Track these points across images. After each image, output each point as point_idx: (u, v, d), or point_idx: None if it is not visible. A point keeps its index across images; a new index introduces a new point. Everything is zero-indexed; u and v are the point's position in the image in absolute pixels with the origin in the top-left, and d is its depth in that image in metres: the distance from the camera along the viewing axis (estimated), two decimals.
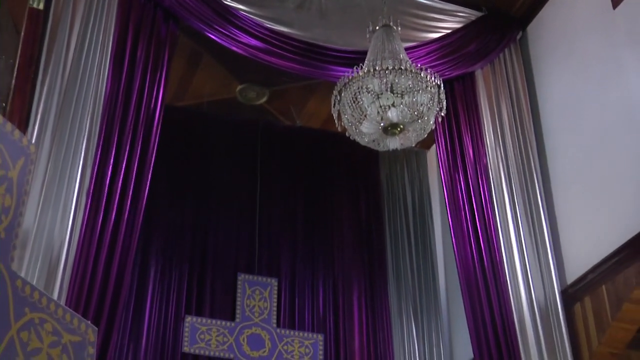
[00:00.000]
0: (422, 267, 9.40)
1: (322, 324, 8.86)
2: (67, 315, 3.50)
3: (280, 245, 9.18)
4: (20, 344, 3.18)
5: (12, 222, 3.24)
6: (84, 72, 6.88)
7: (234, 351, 8.31)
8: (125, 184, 6.87)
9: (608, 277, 6.88)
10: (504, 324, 7.33)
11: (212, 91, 9.53)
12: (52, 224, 6.25)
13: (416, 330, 9.04)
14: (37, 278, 5.95)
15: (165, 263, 8.62)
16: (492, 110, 8.24)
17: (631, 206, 6.71)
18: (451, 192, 8.11)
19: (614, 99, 7.16)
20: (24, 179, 3.36)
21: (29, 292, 3.28)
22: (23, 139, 3.39)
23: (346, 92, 6.53)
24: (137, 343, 8.09)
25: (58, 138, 6.56)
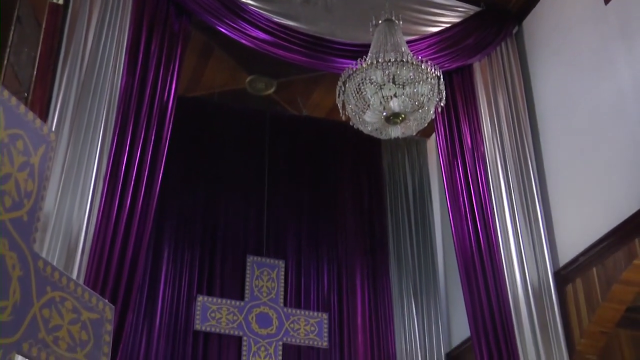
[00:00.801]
0: (421, 249, 9.41)
1: (327, 304, 8.87)
2: (86, 294, 3.51)
3: (287, 229, 9.19)
4: (43, 321, 3.19)
5: (33, 206, 3.25)
6: (101, 65, 6.90)
7: (243, 329, 8.33)
8: (140, 170, 6.89)
9: (598, 259, 6.88)
10: (499, 303, 7.34)
11: (222, 82, 9.53)
12: (71, 208, 6.28)
13: (416, 309, 9.04)
14: (57, 259, 5.98)
15: (178, 245, 8.63)
16: (489, 101, 8.24)
17: (621, 193, 6.71)
18: (450, 178, 8.11)
19: (605, 90, 7.15)
20: (44, 165, 3.37)
21: (50, 272, 3.29)
22: (44, 127, 3.40)
23: (350, 83, 6.54)
24: (151, 321, 8.10)
25: (76, 127, 6.58)
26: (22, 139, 3.23)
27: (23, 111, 3.26)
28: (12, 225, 3.09)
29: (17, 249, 3.09)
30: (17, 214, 3.13)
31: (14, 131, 3.18)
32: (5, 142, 3.12)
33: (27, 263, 3.14)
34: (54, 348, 3.24)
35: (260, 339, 8.33)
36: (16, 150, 3.18)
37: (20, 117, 3.23)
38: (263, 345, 8.31)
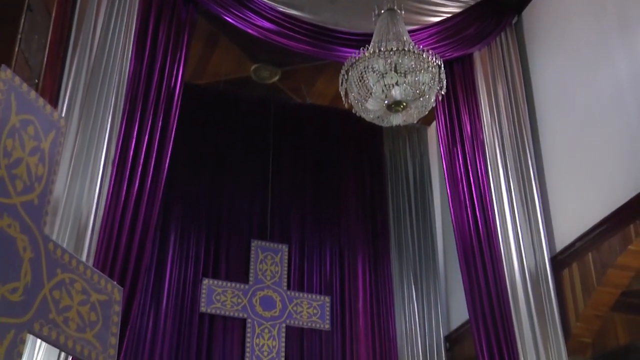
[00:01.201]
0: (422, 235, 9.42)
1: (329, 287, 8.89)
2: (95, 276, 3.53)
3: (291, 214, 9.20)
4: (53, 302, 3.21)
5: (44, 190, 3.26)
6: (110, 52, 6.90)
7: (248, 311, 8.35)
8: (147, 155, 6.90)
9: (594, 245, 6.89)
10: (497, 288, 7.36)
11: (228, 70, 9.53)
12: (80, 193, 6.30)
13: (416, 293, 9.05)
14: (67, 242, 6.00)
15: (184, 229, 8.66)
16: (488, 90, 8.23)
17: (616, 180, 6.71)
18: (450, 165, 8.12)
19: (603, 80, 7.14)
20: (55, 150, 3.38)
21: (60, 254, 3.31)
22: (54, 113, 3.41)
23: (353, 71, 6.54)
24: (158, 303, 8.13)
25: (86, 113, 6.59)
26: (33, 125, 3.24)
27: (34, 97, 3.27)
28: (23, 208, 3.10)
29: (28, 232, 3.11)
30: (28, 197, 3.15)
31: (25, 117, 3.18)
32: (17, 127, 3.13)
33: (38, 245, 3.16)
34: (64, 328, 3.25)
35: (264, 321, 8.36)
36: (27, 135, 3.19)
37: (31, 103, 3.24)
38: (267, 328, 8.34)
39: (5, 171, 3.03)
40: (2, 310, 2.90)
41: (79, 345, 3.33)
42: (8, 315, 2.92)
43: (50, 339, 3.19)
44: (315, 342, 8.56)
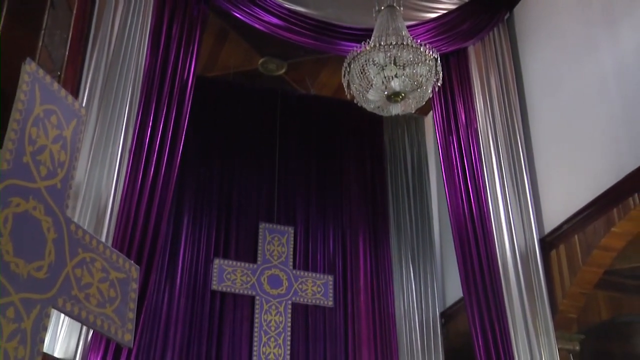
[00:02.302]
0: (419, 217, 9.42)
1: (332, 267, 8.90)
2: (114, 255, 3.54)
3: (296, 198, 9.20)
4: (75, 279, 3.23)
5: (66, 175, 3.28)
6: (127, 47, 6.92)
7: (256, 289, 8.37)
8: (162, 143, 6.92)
9: (580, 227, 6.91)
10: (489, 267, 7.37)
11: (237, 63, 9.51)
12: (99, 178, 6.33)
13: (413, 272, 9.06)
14: (88, 223, 6.04)
15: (197, 213, 8.67)
16: (482, 82, 8.22)
17: (601, 166, 6.72)
18: (446, 152, 8.12)
19: (589, 72, 7.13)
20: (76, 138, 3.39)
21: (82, 235, 3.32)
22: (75, 103, 3.42)
23: (355, 64, 6.54)
24: (172, 281, 8.15)
25: (104, 103, 6.61)
26: (56, 114, 3.25)
27: (56, 88, 3.28)
28: (47, 192, 3.12)
29: (52, 214, 3.12)
30: (51, 182, 3.16)
31: (48, 107, 3.20)
32: (41, 117, 3.14)
33: (61, 227, 3.17)
34: (86, 304, 3.28)
35: (271, 298, 8.38)
36: (50, 124, 3.21)
37: (54, 94, 3.25)
38: (274, 304, 8.35)
39: (30, 157, 3.05)
40: (29, 286, 2.92)
41: (99, 319, 3.35)
42: (34, 291, 2.95)
43: (73, 314, 3.21)
44: (319, 318, 8.58)
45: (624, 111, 6.59)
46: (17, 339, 2.82)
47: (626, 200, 6.39)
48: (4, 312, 2.78)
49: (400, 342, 8.60)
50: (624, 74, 6.67)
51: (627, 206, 6.38)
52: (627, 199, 6.38)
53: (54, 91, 3.25)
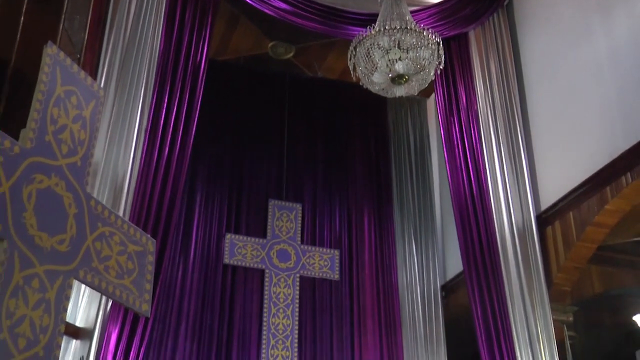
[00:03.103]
0: (421, 195, 9.41)
1: (338, 241, 8.92)
2: (131, 229, 3.56)
3: (304, 176, 9.20)
4: (95, 252, 3.25)
5: (86, 153, 3.29)
6: (142, 31, 6.90)
7: (266, 263, 8.40)
8: (176, 124, 6.93)
9: (575, 205, 6.92)
10: (488, 242, 7.38)
11: (247, 48, 9.50)
12: (117, 156, 6.34)
13: (415, 247, 9.07)
14: (106, 199, 6.06)
15: (209, 190, 8.68)
16: (482, 65, 8.20)
17: (595, 146, 6.72)
18: (447, 133, 8.11)
19: (584, 57, 7.12)
20: (95, 118, 3.40)
21: (101, 210, 3.34)
22: (94, 85, 3.43)
23: (360, 48, 6.52)
24: (186, 255, 8.19)
25: (121, 85, 6.61)
26: (76, 95, 3.26)
27: (76, 70, 3.29)
28: (68, 169, 3.14)
29: (72, 190, 3.14)
30: (72, 159, 3.18)
31: (68, 88, 3.21)
32: (62, 97, 3.16)
33: (81, 202, 3.19)
34: (105, 275, 3.30)
35: (280, 271, 8.41)
36: (71, 104, 3.22)
37: (74, 76, 3.26)
38: (283, 278, 8.38)
39: (52, 136, 3.07)
40: (52, 259, 2.95)
41: (118, 290, 3.38)
42: (57, 263, 2.97)
43: (93, 285, 3.24)
44: (326, 291, 8.61)
45: (617, 94, 6.58)
46: (42, 308, 2.85)
47: (619, 179, 6.40)
48: (30, 282, 2.81)
49: (402, 314, 8.63)
50: (617, 59, 6.65)
51: (620, 185, 6.39)
52: (619, 178, 6.39)
53: (74, 73, 3.26)
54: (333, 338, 8.34)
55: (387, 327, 8.52)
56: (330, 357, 8.24)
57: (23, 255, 2.79)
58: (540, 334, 6.80)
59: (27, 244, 2.82)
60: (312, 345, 8.25)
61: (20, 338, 2.73)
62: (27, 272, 2.81)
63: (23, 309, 2.76)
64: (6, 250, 2.72)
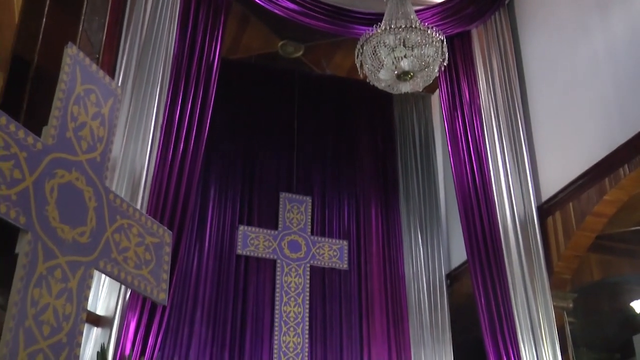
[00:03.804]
0: (426, 187, 9.39)
1: (347, 232, 8.91)
2: (149, 221, 3.59)
3: (313, 170, 9.19)
4: (114, 243, 3.27)
5: (104, 149, 3.31)
6: (157, 32, 6.92)
7: (277, 253, 8.41)
8: (190, 121, 6.95)
9: (574, 195, 6.91)
10: (491, 232, 7.38)
11: (258, 47, 9.49)
12: (134, 152, 6.37)
13: (421, 238, 9.06)
14: (124, 193, 6.08)
15: (223, 183, 8.68)
16: (484, 62, 8.18)
17: (594, 139, 6.71)
18: (451, 127, 8.10)
19: (583, 53, 7.10)
20: (113, 115, 3.42)
21: (119, 203, 3.37)
22: (112, 83, 3.45)
23: (367, 46, 6.52)
24: (201, 246, 8.20)
25: (138, 84, 6.63)
26: (95, 93, 3.28)
27: (95, 69, 3.31)
28: (88, 164, 3.16)
29: (92, 184, 3.17)
30: (92, 155, 3.20)
31: (88, 86, 3.23)
32: (81, 95, 3.18)
33: (100, 196, 3.22)
34: (124, 265, 3.33)
35: (291, 261, 8.42)
36: (90, 102, 3.24)
37: (93, 75, 3.28)
38: (293, 267, 8.39)
39: (72, 133, 3.09)
40: (74, 250, 2.97)
41: (136, 280, 3.40)
42: (78, 254, 3.00)
43: (113, 275, 3.26)
44: (335, 280, 8.61)
45: (614, 89, 6.57)
46: (65, 297, 2.88)
47: (617, 171, 6.39)
48: (53, 273, 2.83)
49: (409, 302, 8.63)
50: (615, 55, 6.64)
51: (618, 176, 6.38)
52: (617, 169, 6.38)
53: (93, 72, 3.28)
54: (342, 325, 8.35)
55: (394, 314, 8.52)
56: (340, 344, 8.24)
57: (46, 246, 2.82)
58: (542, 320, 6.80)
59: (50, 236, 2.84)
60: (322, 331, 8.26)
61: (44, 325, 2.75)
62: (50, 262, 2.83)
63: (47, 297, 2.78)
64: (30, 242, 2.74)
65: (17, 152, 2.74)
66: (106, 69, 5.56)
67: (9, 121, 2.73)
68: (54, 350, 2.78)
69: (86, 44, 3.36)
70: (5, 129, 2.70)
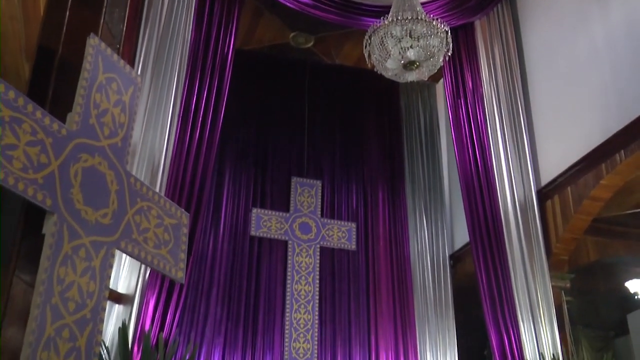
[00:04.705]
0: (431, 172, 9.39)
1: (355, 215, 8.93)
2: (167, 204, 3.59)
3: (323, 155, 9.19)
4: (135, 224, 3.29)
5: (126, 135, 3.32)
6: (175, 24, 6.92)
7: (289, 235, 8.42)
8: (206, 109, 6.96)
9: (572, 180, 6.90)
10: (492, 215, 7.38)
11: (270, 38, 9.48)
12: (153, 138, 6.39)
13: (426, 220, 9.07)
14: (144, 177, 6.11)
15: (237, 168, 8.70)
16: (487, 52, 8.15)
17: (592, 126, 6.69)
18: (454, 114, 8.08)
19: (582, 43, 7.06)
20: (133, 103, 3.43)
21: (139, 187, 3.37)
22: (132, 72, 3.45)
23: (375, 37, 6.50)
24: (216, 228, 8.24)
25: (156, 73, 6.64)
26: (116, 81, 3.29)
27: (116, 59, 3.31)
28: (110, 149, 3.17)
29: (114, 168, 3.18)
30: (113, 140, 3.21)
31: (109, 75, 3.24)
32: (103, 84, 3.18)
33: (122, 179, 3.23)
34: (144, 246, 3.34)
35: (302, 242, 8.42)
36: (111, 90, 3.25)
37: (114, 64, 3.28)
38: (304, 248, 8.40)
39: (95, 119, 3.10)
40: (97, 231, 2.99)
41: (156, 259, 3.42)
42: (101, 235, 3.01)
43: (134, 254, 3.28)
44: (344, 260, 8.63)
45: (612, 78, 6.54)
46: (89, 275, 2.90)
47: (613, 157, 6.38)
48: (77, 252, 2.85)
49: (414, 281, 8.65)
50: (613, 45, 6.60)
51: (614, 162, 6.37)
52: (614, 155, 6.37)
53: (114, 62, 3.28)
54: (350, 303, 8.38)
55: (400, 292, 8.54)
56: (348, 320, 8.28)
57: (71, 227, 2.83)
58: (540, 299, 6.81)
59: (74, 218, 2.86)
60: (331, 309, 8.30)
61: (70, 302, 2.78)
62: (75, 242, 2.85)
63: (72, 275, 2.80)
64: (56, 223, 2.76)
65: (44, 138, 2.75)
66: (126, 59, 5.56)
67: (35, 108, 2.73)
68: (78, 325, 2.80)
69: (107, 35, 3.36)
70: (32, 116, 2.71)
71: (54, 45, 3.12)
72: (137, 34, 6.62)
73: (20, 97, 2.67)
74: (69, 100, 2.98)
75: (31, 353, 2.56)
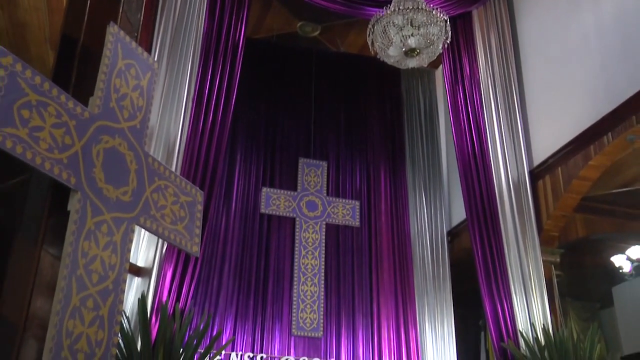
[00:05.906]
0: (430, 153, 9.39)
1: (359, 194, 8.94)
2: (183, 182, 3.61)
3: (329, 138, 9.18)
4: (153, 202, 3.30)
5: (144, 117, 3.33)
6: (189, 13, 6.91)
7: (297, 212, 8.45)
8: (219, 94, 6.95)
9: (563, 161, 6.89)
10: (488, 194, 7.38)
11: (279, 27, 9.45)
12: (169, 121, 6.40)
13: (425, 198, 9.08)
14: (161, 157, 6.13)
15: (247, 150, 8.71)
16: (483, 40, 8.10)
17: (582, 109, 6.67)
18: (453, 99, 8.06)
19: (573, 31, 7.02)
20: (150, 87, 3.43)
21: (157, 166, 3.39)
22: (149, 59, 3.45)
23: (378, 25, 6.48)
24: (228, 206, 8.26)
25: (171, 60, 6.64)
26: (134, 67, 3.29)
27: (134, 46, 3.31)
28: (129, 131, 3.18)
29: (133, 149, 3.19)
30: (132, 123, 3.22)
31: (128, 61, 3.24)
32: (123, 70, 3.19)
33: (140, 159, 3.24)
34: (162, 222, 3.36)
35: (308, 219, 8.46)
36: (130, 75, 3.25)
37: (132, 51, 3.29)
38: (311, 225, 8.44)
39: (115, 103, 3.11)
40: (118, 207, 3.01)
41: (172, 234, 3.44)
42: (122, 211, 3.03)
43: (152, 230, 3.30)
44: (348, 236, 8.65)
45: (601, 65, 6.51)
46: (110, 249, 2.92)
47: (601, 139, 6.37)
48: (100, 227, 2.87)
49: (414, 256, 8.67)
50: (603, 33, 6.56)
51: (602, 143, 6.36)
52: (602, 137, 6.37)
53: (133, 49, 3.29)
54: (354, 276, 8.41)
55: (401, 267, 8.57)
56: (352, 292, 8.32)
57: (94, 204, 2.86)
58: (532, 273, 6.82)
59: (97, 195, 2.88)
60: (336, 282, 8.33)
61: (93, 274, 2.80)
62: (98, 218, 2.87)
63: (95, 249, 2.83)
64: (80, 200, 2.78)
65: (68, 120, 2.77)
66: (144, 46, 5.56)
67: (60, 92, 2.75)
68: (101, 295, 2.83)
69: (126, 24, 3.36)
70: (57, 100, 2.73)
71: (76, 34, 3.12)
72: (154, 23, 6.62)
73: (46, 82, 2.68)
74: (91, 85, 2.99)
75: (59, 321, 2.59)
